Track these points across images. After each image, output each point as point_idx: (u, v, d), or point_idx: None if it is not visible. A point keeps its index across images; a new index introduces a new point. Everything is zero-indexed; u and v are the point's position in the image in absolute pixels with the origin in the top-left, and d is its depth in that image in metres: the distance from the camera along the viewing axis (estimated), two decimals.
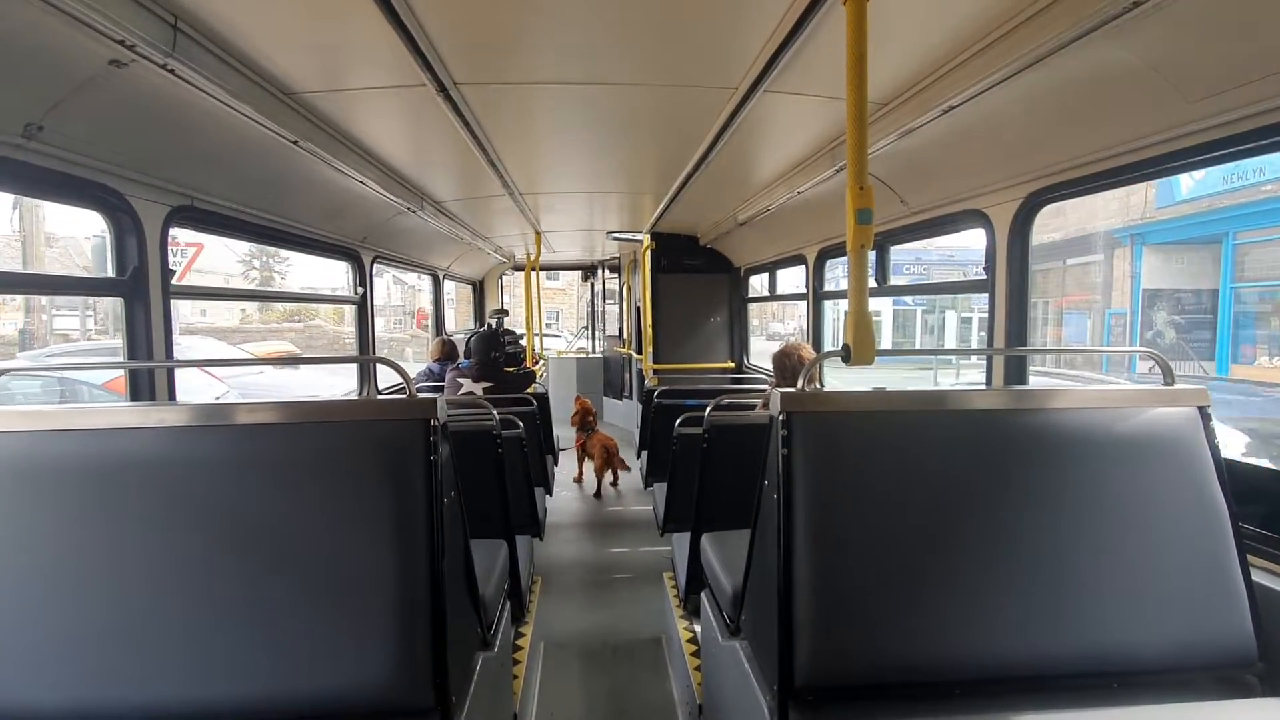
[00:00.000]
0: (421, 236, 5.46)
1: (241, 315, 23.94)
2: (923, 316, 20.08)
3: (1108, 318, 13.24)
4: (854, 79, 1.64)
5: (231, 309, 23.64)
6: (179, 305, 2.66)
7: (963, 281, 3.74)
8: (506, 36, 2.17)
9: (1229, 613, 1.56)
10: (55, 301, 13.94)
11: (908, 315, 20.33)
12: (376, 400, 1.84)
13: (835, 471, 1.60)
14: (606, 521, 5.70)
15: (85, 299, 13.06)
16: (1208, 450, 1.66)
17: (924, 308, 19.73)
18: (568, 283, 25.40)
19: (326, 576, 1.49)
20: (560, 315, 27.98)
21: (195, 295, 4.13)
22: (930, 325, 20.00)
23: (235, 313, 23.57)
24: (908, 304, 19.70)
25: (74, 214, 9.73)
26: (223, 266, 27.56)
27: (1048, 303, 15.40)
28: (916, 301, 19.38)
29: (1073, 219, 13.99)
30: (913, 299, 19.31)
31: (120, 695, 1.43)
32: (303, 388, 11.17)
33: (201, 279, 23.85)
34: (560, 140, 3.48)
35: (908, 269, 18.51)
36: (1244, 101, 1.69)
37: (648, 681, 3.17)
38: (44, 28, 1.61)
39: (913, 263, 18.07)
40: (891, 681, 1.53)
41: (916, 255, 17.93)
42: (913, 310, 20.08)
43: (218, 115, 2.26)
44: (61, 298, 13.78)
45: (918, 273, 17.03)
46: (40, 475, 1.52)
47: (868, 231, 1.67)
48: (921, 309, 19.90)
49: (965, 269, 17.08)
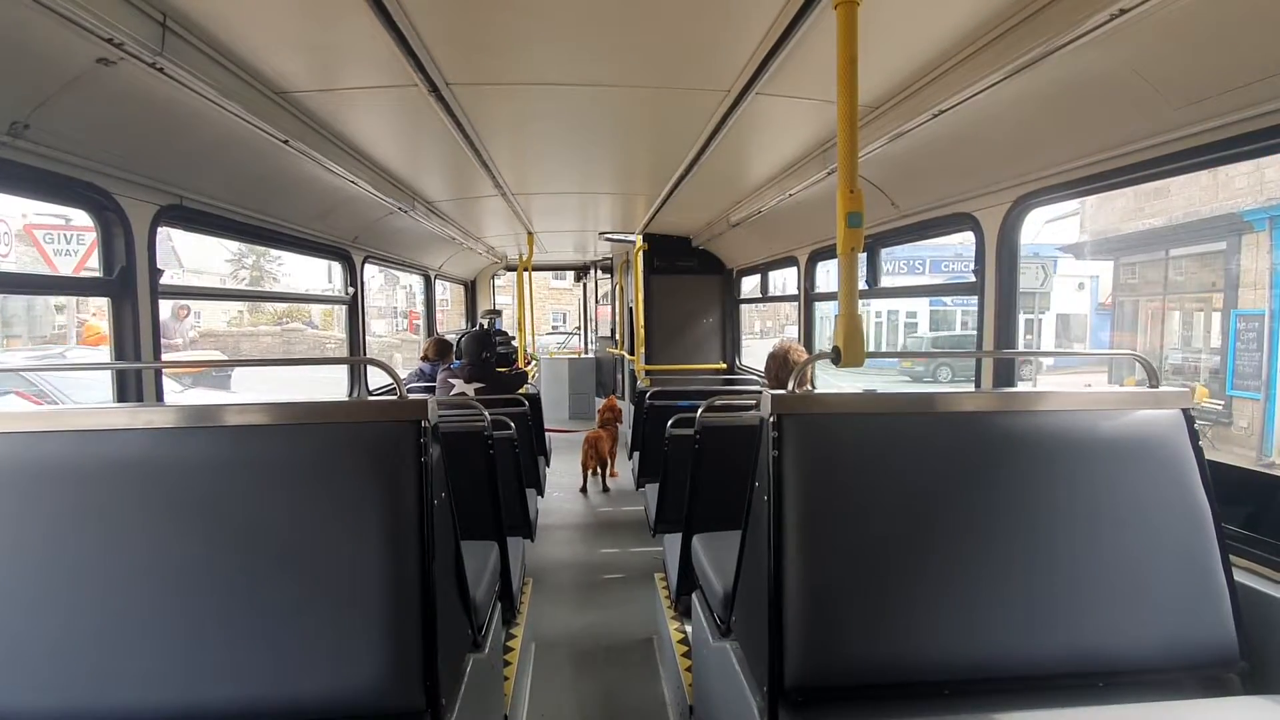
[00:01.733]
0: (413, 237, 5.44)
1: (230, 318, 23.56)
2: (961, 315, 19.19)
3: (1233, 321, 10.46)
4: (845, 82, 1.65)
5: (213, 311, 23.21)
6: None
7: (952, 284, 3.76)
8: (498, 37, 2.17)
9: (1212, 613, 1.58)
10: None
11: (947, 315, 19.82)
12: (367, 401, 1.84)
13: (825, 473, 1.61)
14: (598, 522, 5.69)
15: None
16: (1191, 452, 1.68)
17: (964, 306, 18.46)
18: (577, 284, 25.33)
19: (316, 578, 1.48)
20: (568, 317, 27.96)
21: (184, 295, 4.10)
22: (967, 323, 18.70)
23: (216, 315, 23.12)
24: (946, 304, 18.92)
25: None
26: (213, 266, 27.28)
27: (1137, 302, 12.50)
28: (956, 301, 18.13)
29: (1179, 200, 11.17)
30: (951, 298, 18.05)
31: (110, 697, 1.42)
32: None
33: (198, 279, 23.52)
34: (552, 141, 3.48)
35: (947, 266, 17.78)
36: (1228, 107, 1.71)
37: (638, 683, 3.18)
38: (31, 25, 1.60)
39: (953, 258, 17.42)
40: (881, 682, 1.54)
41: (957, 250, 16.83)
42: (952, 310, 19.41)
43: (207, 114, 2.25)
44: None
45: (958, 270, 16.27)
46: (25, 477, 1.50)
47: (858, 234, 1.68)
48: (961, 308, 18.91)
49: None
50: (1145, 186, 2.42)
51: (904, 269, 18.78)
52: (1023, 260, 2.67)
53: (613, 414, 6.88)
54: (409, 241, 5.58)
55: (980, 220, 2.78)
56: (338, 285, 4.71)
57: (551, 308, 30.15)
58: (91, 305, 11.31)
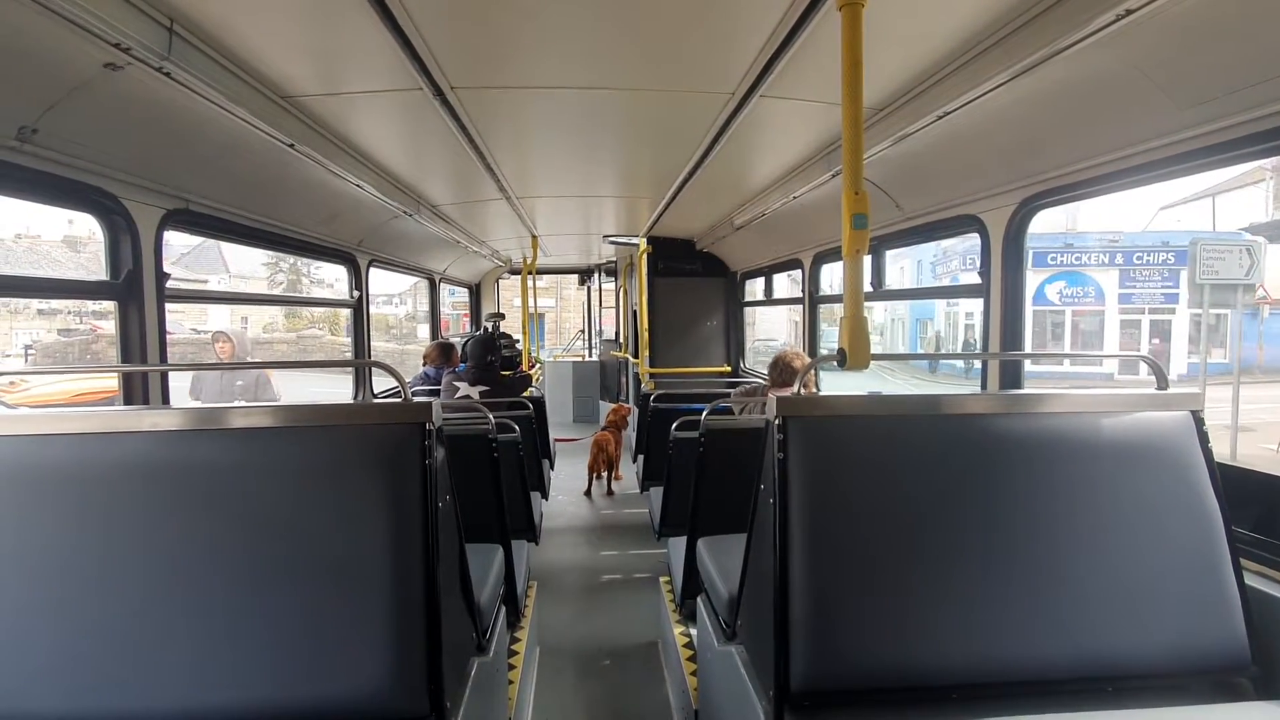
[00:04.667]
0: (418, 240, 5.45)
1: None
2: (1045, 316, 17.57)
3: None
4: (849, 85, 1.64)
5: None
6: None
7: (957, 286, 3.75)
8: (502, 41, 2.18)
9: (1222, 617, 1.57)
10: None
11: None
12: (372, 404, 1.84)
13: (831, 476, 1.60)
14: (602, 525, 5.69)
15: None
16: (1201, 454, 1.66)
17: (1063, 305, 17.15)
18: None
19: (321, 581, 1.48)
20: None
21: (190, 299, 4.12)
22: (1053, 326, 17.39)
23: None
24: (1053, 303, 17.27)
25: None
26: (256, 270, 27.56)
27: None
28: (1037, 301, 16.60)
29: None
30: (1059, 297, 16.77)
31: (115, 701, 1.42)
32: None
33: (243, 285, 23.51)
34: (556, 145, 3.48)
35: (1054, 258, 16.13)
36: (1235, 108, 1.70)
37: (643, 687, 3.16)
38: (38, 30, 1.61)
39: (1063, 249, 16.06)
40: (888, 686, 1.53)
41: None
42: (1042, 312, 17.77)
43: (213, 118, 2.26)
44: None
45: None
46: (31, 479, 1.50)
47: (863, 236, 1.67)
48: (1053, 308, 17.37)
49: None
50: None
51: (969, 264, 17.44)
52: (1220, 243, 2.47)
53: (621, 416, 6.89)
54: (414, 245, 5.60)
55: (986, 222, 2.77)
56: (379, 289, 4.70)
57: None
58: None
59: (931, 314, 19.25)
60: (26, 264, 18.23)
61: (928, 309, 19.99)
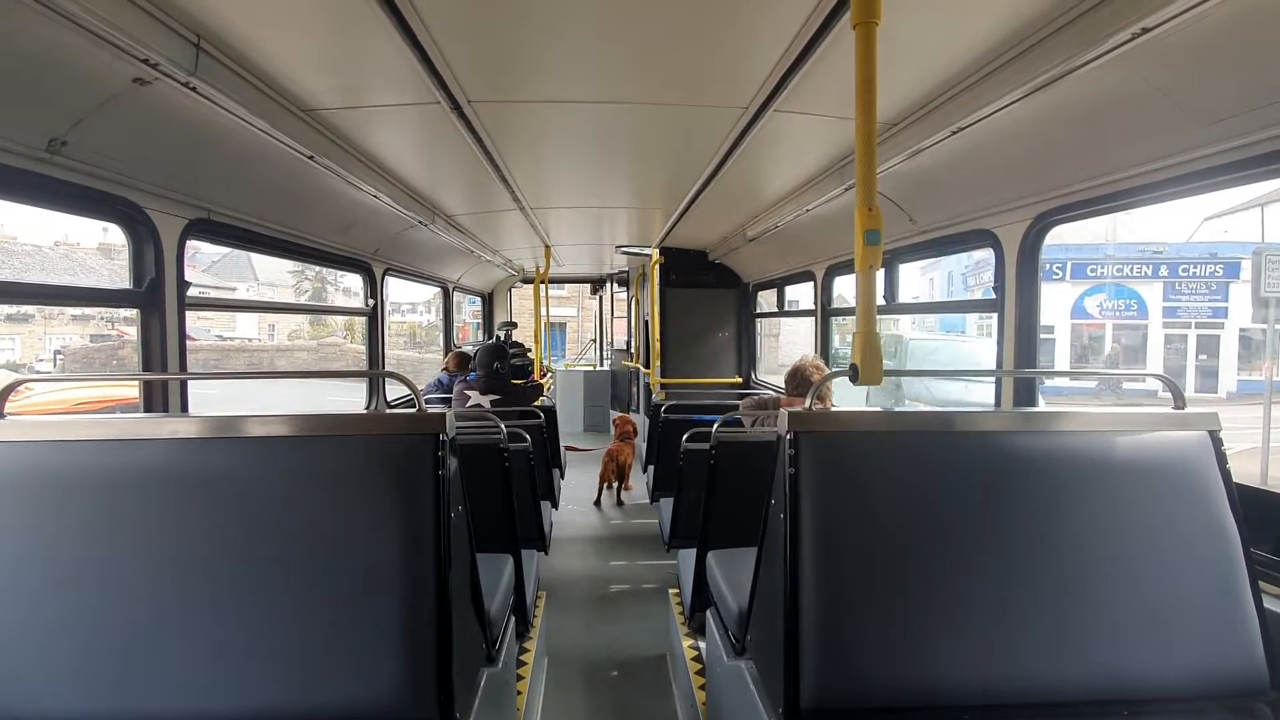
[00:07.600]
0: (432, 249, 5.51)
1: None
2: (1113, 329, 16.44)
3: None
4: (863, 100, 1.65)
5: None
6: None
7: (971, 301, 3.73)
8: (520, 57, 2.21)
9: (1241, 640, 1.54)
10: None
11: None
12: (386, 414, 1.86)
13: (843, 492, 1.59)
14: (612, 536, 5.67)
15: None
16: (1219, 475, 1.64)
17: (1112, 318, 16.13)
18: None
19: (334, 589, 1.50)
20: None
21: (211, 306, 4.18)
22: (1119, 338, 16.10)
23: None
24: (1093, 316, 16.34)
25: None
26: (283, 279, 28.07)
27: None
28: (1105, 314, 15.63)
29: None
30: (1099, 310, 15.87)
31: (134, 703, 1.44)
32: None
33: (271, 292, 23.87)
34: (571, 156, 3.52)
35: (1094, 270, 15.30)
36: (1253, 126, 1.69)
37: (651, 700, 3.14)
38: (69, 46, 1.66)
39: (1103, 260, 15.12)
40: (899, 705, 1.51)
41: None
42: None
43: (236, 130, 2.30)
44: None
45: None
46: (53, 485, 1.53)
47: (876, 252, 1.67)
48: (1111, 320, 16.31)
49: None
50: None
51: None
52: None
53: (630, 427, 6.89)
54: (428, 254, 5.66)
55: (1000, 237, 2.76)
56: (405, 298, 4.76)
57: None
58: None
59: (962, 327, 18.87)
60: (63, 270, 18.59)
61: (957, 322, 19.70)
